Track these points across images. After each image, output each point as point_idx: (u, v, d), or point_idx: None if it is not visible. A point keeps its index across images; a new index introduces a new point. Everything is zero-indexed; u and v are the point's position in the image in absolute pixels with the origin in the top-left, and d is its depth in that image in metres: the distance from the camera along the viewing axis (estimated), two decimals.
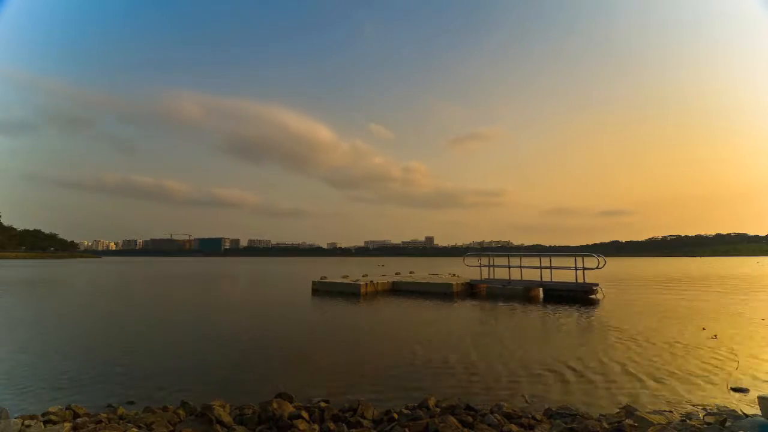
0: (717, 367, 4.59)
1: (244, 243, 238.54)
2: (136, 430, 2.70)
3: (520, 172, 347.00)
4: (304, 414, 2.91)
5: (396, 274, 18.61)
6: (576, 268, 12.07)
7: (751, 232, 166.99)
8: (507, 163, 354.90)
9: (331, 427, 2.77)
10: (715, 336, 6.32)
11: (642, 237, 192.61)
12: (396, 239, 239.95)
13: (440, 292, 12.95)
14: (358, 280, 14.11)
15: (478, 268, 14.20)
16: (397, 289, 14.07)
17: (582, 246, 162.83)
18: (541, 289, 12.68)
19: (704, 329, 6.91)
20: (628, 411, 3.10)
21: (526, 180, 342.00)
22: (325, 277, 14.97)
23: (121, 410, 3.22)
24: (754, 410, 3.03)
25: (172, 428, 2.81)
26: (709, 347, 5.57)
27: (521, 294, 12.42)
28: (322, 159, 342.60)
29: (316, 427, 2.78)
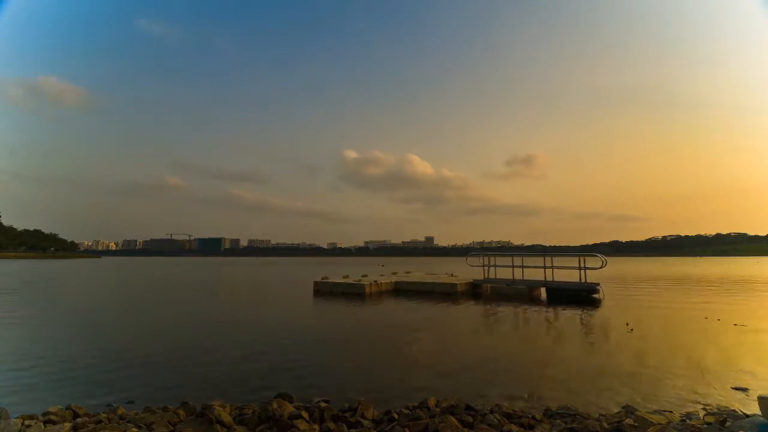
0: (717, 366, 4.59)
1: (244, 243, 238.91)
2: (136, 430, 2.70)
3: (545, 182, 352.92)
4: (304, 414, 2.91)
5: (393, 274, 18.59)
6: (579, 268, 12.04)
7: (751, 232, 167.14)
8: (536, 179, 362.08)
9: (331, 427, 2.77)
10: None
11: (642, 237, 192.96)
12: (396, 239, 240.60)
13: (444, 292, 12.92)
14: (360, 280, 14.10)
15: (481, 268, 14.18)
16: (400, 289, 14.05)
17: (582, 246, 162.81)
18: (543, 289, 12.68)
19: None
20: (628, 411, 3.10)
21: (549, 188, 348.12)
22: (327, 278, 14.95)
23: (121, 410, 3.22)
24: (754, 410, 3.03)
25: (172, 428, 2.81)
26: (708, 347, 5.57)
27: (525, 293, 12.40)
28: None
29: (316, 427, 2.77)
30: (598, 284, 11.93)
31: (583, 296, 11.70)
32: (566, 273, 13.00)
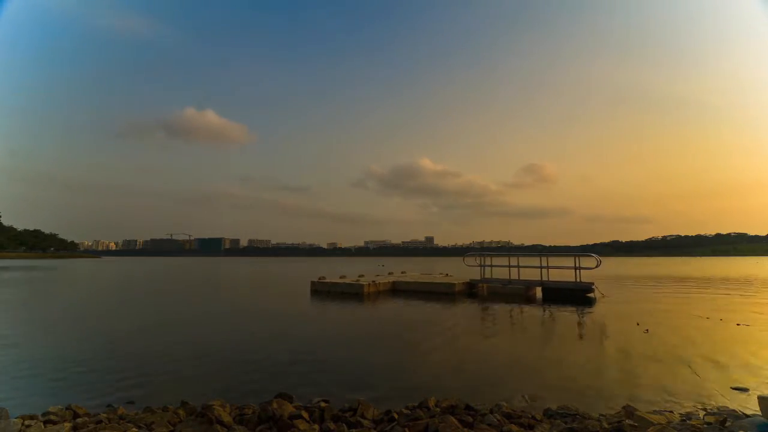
0: (717, 366, 4.59)
1: (244, 243, 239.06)
2: (136, 430, 2.70)
3: (555, 186, 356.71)
4: (304, 414, 2.91)
5: (389, 274, 18.57)
6: (574, 268, 12.16)
7: (751, 232, 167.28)
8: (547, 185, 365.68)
9: (331, 427, 2.77)
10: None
11: (642, 237, 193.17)
12: (396, 239, 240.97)
13: (441, 292, 12.93)
14: (358, 279, 14.09)
15: (478, 267, 14.21)
16: (398, 289, 14.04)
17: (581, 246, 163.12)
18: (539, 288, 12.74)
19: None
20: (628, 411, 3.10)
21: (559, 191, 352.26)
22: (324, 278, 14.94)
23: (121, 410, 3.22)
24: (754, 410, 3.03)
25: (172, 428, 2.81)
26: (708, 347, 5.57)
27: (521, 293, 12.45)
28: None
29: (316, 427, 2.78)
30: (593, 284, 12.03)
31: (579, 296, 11.78)
32: (563, 273, 13.11)
